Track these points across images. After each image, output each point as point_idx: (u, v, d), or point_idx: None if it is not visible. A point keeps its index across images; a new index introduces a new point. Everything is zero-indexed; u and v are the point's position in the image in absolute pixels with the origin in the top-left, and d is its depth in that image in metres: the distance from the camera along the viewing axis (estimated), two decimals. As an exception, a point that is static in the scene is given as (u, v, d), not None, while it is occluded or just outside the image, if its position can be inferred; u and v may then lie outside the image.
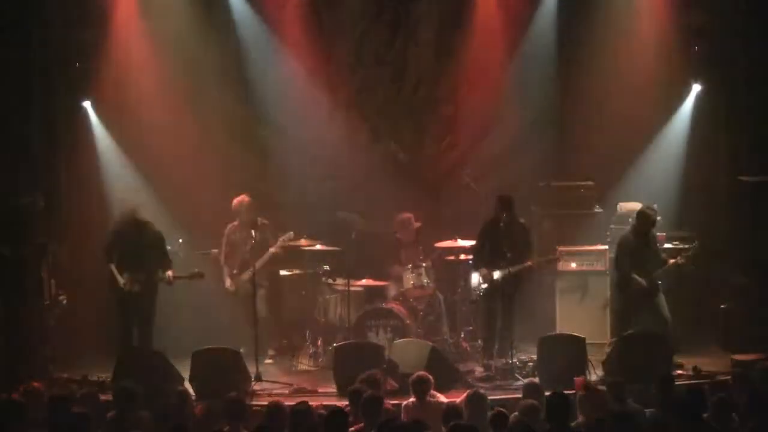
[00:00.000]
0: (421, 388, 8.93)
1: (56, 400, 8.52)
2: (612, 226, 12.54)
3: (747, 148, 12.46)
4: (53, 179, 12.48)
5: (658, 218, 11.69)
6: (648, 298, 11.16)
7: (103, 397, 9.35)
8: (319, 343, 11.99)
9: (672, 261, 11.28)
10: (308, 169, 13.41)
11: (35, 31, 12.08)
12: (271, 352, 11.99)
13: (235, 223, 12.03)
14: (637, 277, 11.10)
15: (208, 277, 12.05)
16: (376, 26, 13.35)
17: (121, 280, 11.13)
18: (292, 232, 11.91)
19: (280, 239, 11.84)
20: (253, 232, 11.56)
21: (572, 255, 12.39)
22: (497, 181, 12.78)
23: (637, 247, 11.23)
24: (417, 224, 12.36)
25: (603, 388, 9.16)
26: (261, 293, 11.68)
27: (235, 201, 11.98)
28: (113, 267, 11.21)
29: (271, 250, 11.83)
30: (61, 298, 12.14)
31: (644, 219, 11.21)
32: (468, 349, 11.89)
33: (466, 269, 11.91)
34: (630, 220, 12.23)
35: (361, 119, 13.52)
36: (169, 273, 11.20)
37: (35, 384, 8.98)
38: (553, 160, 13.14)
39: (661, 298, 11.20)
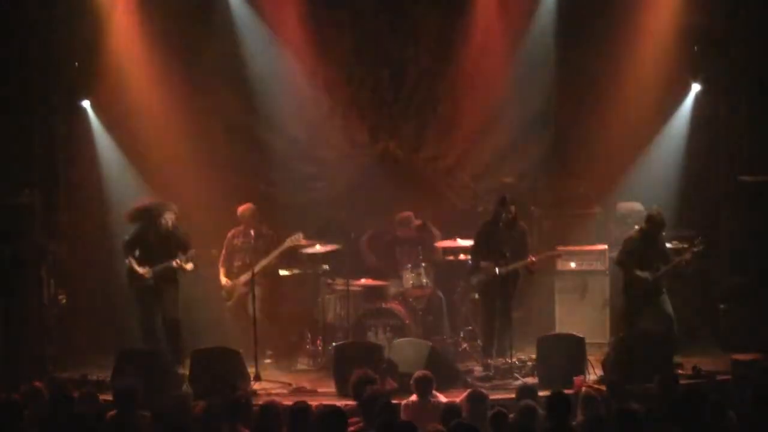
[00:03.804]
0: (423, 387, 8.94)
1: (56, 400, 8.52)
2: (611, 225, 12.56)
3: (747, 148, 12.46)
4: (52, 179, 12.50)
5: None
6: (651, 297, 11.15)
7: (102, 397, 9.35)
8: (319, 342, 11.99)
9: (678, 259, 11.26)
10: (308, 169, 13.42)
11: (34, 30, 12.09)
12: (270, 352, 11.99)
13: (239, 228, 12.03)
14: (639, 272, 11.08)
15: (207, 277, 12.07)
16: (376, 26, 13.33)
17: (140, 270, 11.17)
18: (301, 233, 11.88)
19: (288, 239, 11.82)
20: (252, 232, 11.57)
21: (572, 255, 12.40)
22: (497, 181, 12.78)
23: (642, 247, 11.21)
24: (417, 222, 12.36)
25: (603, 387, 9.17)
26: (257, 294, 11.65)
27: (240, 208, 11.99)
28: (132, 260, 11.23)
29: (276, 252, 11.79)
30: (60, 297, 12.17)
31: (653, 223, 11.17)
32: (467, 348, 11.89)
33: (465, 268, 11.90)
34: (629, 220, 12.25)
35: (361, 119, 13.51)
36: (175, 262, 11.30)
37: (35, 384, 8.96)
38: (553, 159, 13.16)
39: (665, 297, 11.18)
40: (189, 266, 11.33)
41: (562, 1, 12.92)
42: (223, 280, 12.07)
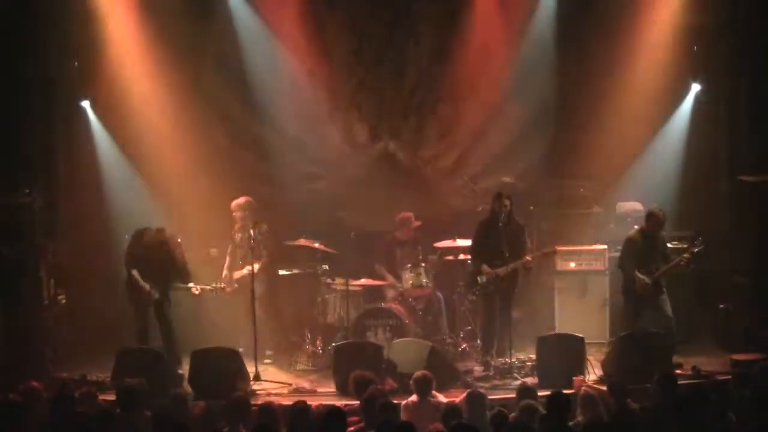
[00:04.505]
0: (423, 387, 8.95)
1: (57, 400, 8.52)
2: (611, 225, 12.57)
3: (747, 148, 12.46)
4: (52, 178, 12.49)
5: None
6: (651, 297, 11.16)
7: (102, 397, 9.35)
8: (318, 342, 11.99)
9: (677, 258, 11.26)
10: (307, 169, 13.41)
11: (34, 30, 12.07)
12: (269, 352, 11.98)
13: (239, 223, 12.01)
14: (640, 275, 11.08)
15: (207, 277, 12.06)
16: (376, 26, 13.33)
17: (146, 286, 11.21)
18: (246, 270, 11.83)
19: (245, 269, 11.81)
20: (252, 232, 11.56)
21: (571, 254, 12.39)
22: (496, 180, 12.79)
23: (643, 247, 11.23)
24: (417, 223, 12.35)
25: (602, 387, 9.17)
26: (258, 294, 11.66)
27: (233, 203, 11.96)
28: (136, 273, 11.27)
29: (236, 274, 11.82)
30: (59, 297, 12.15)
31: (654, 221, 11.19)
32: (467, 348, 11.89)
33: (464, 269, 11.90)
34: (629, 219, 12.24)
35: (361, 119, 13.51)
36: (193, 287, 11.42)
37: (34, 384, 8.96)
38: (553, 159, 13.16)
39: (665, 297, 11.20)
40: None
41: (562, 1, 12.92)
42: (224, 272, 12.04)
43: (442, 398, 9.06)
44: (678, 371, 10.43)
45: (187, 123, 12.84)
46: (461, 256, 11.98)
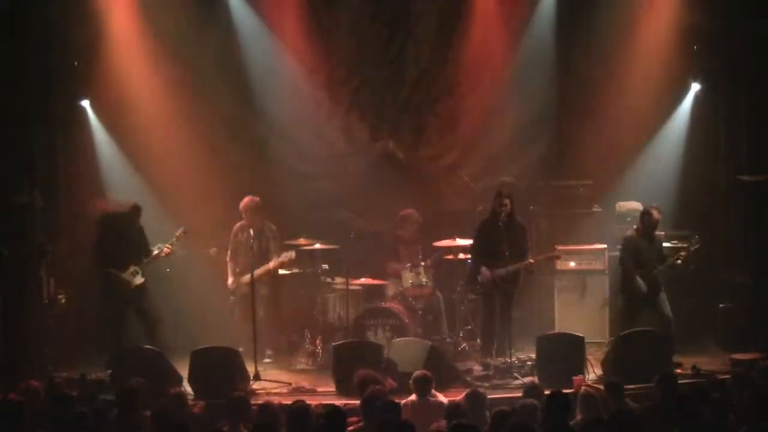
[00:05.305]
0: (422, 386, 8.94)
1: (57, 399, 8.52)
2: (611, 225, 12.55)
3: (746, 148, 12.46)
4: (52, 178, 12.49)
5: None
6: (650, 296, 11.16)
7: (101, 397, 9.35)
8: (318, 342, 11.98)
9: (674, 257, 11.29)
10: (308, 168, 13.42)
11: (34, 30, 12.08)
12: (269, 351, 11.98)
13: (243, 222, 11.98)
14: (639, 279, 11.11)
15: (207, 276, 12.08)
16: (376, 26, 13.34)
17: (128, 280, 11.20)
18: (293, 252, 11.82)
19: (281, 256, 11.76)
20: (251, 231, 11.54)
21: (571, 254, 12.41)
22: (496, 180, 12.79)
23: (640, 245, 11.26)
24: (419, 219, 12.35)
25: (602, 387, 9.17)
26: (260, 296, 11.65)
27: (243, 202, 11.93)
28: (113, 271, 11.25)
29: (270, 264, 11.75)
30: (59, 297, 12.15)
31: (648, 219, 11.23)
32: (467, 348, 11.89)
33: (464, 268, 11.90)
34: (629, 219, 12.25)
35: (361, 119, 13.51)
36: (162, 248, 11.39)
37: (33, 383, 8.96)
38: (552, 159, 13.18)
39: (663, 297, 11.21)
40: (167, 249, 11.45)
41: (562, 1, 12.93)
42: (229, 280, 12.03)
43: (442, 398, 9.05)
44: (678, 371, 10.45)
45: (187, 123, 12.85)
46: (461, 256, 11.98)
